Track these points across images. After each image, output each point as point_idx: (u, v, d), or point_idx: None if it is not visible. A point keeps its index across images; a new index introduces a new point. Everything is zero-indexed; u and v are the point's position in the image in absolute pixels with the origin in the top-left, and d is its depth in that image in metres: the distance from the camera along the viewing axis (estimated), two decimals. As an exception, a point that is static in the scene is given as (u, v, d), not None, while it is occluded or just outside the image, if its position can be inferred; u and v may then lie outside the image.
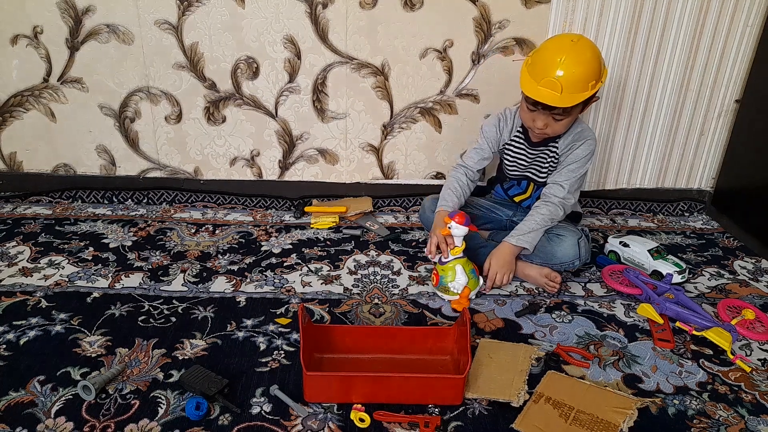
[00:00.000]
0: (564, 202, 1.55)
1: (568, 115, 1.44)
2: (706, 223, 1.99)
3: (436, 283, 1.48)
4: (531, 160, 1.61)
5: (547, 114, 1.43)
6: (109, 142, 2.00)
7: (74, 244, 1.72)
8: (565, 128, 1.50)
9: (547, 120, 1.45)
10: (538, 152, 1.59)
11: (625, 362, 1.26)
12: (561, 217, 1.56)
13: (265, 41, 1.85)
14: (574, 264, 1.54)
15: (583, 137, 1.54)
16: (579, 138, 1.54)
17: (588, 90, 1.39)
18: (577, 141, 1.54)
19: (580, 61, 1.37)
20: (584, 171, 1.57)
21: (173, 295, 1.47)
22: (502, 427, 1.07)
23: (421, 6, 1.80)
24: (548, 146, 1.57)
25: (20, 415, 1.07)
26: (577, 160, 1.54)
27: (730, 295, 1.55)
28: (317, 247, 1.74)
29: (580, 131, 1.55)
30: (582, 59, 1.38)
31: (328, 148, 2.01)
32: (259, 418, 1.08)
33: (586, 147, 1.54)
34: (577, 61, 1.37)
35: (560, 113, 1.42)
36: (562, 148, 1.56)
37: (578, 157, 1.54)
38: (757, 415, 1.13)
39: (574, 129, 1.55)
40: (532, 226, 1.52)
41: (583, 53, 1.38)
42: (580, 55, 1.38)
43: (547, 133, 1.49)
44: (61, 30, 1.83)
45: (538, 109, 1.44)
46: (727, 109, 1.94)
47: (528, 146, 1.60)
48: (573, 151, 1.54)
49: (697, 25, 1.82)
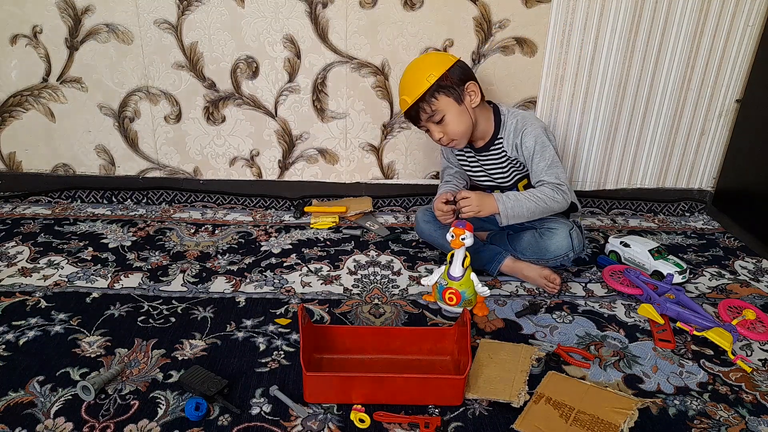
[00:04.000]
0: (555, 186, 1.49)
1: (442, 111, 1.47)
2: (706, 223, 1.99)
3: (457, 301, 1.38)
4: (483, 165, 1.63)
5: (430, 124, 1.50)
6: (108, 142, 2.00)
7: (73, 244, 1.72)
8: (462, 125, 1.50)
9: (437, 128, 1.50)
10: (486, 158, 1.61)
11: (626, 362, 1.26)
12: (559, 200, 1.50)
13: (264, 41, 1.84)
14: (568, 256, 1.54)
15: (520, 130, 1.53)
16: (517, 133, 1.54)
17: (421, 88, 1.45)
18: (517, 136, 1.54)
19: (406, 71, 1.53)
20: (550, 153, 1.51)
21: (173, 296, 1.46)
22: (502, 427, 1.07)
23: (422, 5, 1.80)
24: (491, 150, 1.59)
25: (20, 415, 1.07)
26: (533, 151, 1.51)
27: (730, 295, 1.55)
28: (317, 247, 1.74)
29: (515, 126, 1.54)
30: (407, 70, 1.53)
31: (328, 147, 2.01)
32: (259, 419, 1.08)
33: (529, 136, 1.51)
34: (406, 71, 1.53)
35: (432, 116, 1.48)
36: (510, 149, 1.56)
37: (530, 149, 1.52)
38: (758, 415, 1.12)
39: (508, 127, 1.55)
40: (519, 196, 1.49)
41: (408, 67, 1.54)
42: (405, 70, 1.53)
43: (454, 138, 1.52)
44: (61, 30, 1.83)
45: (421, 128, 1.55)
46: (728, 109, 1.94)
47: (475, 152, 1.63)
48: (522, 147, 1.53)
49: (698, 25, 1.82)
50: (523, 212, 1.48)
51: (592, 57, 1.85)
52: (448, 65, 1.47)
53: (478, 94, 1.51)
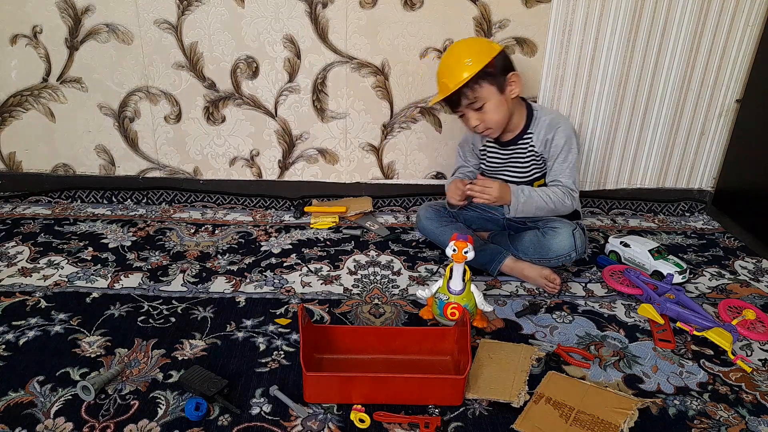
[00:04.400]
0: (569, 190, 1.54)
1: (483, 99, 1.48)
2: (706, 223, 1.99)
3: (460, 316, 1.29)
4: (505, 159, 1.63)
5: (469, 110, 1.50)
6: (108, 142, 1.99)
7: (73, 244, 1.72)
8: (500, 113, 1.51)
9: (476, 115, 1.51)
10: (511, 152, 1.62)
11: (626, 362, 1.26)
12: (567, 206, 1.54)
13: (264, 41, 1.84)
14: (570, 256, 1.54)
15: (554, 126, 1.55)
16: (550, 129, 1.55)
17: (465, 67, 1.46)
18: (549, 132, 1.55)
19: (447, 55, 1.55)
20: (574, 157, 1.55)
21: (173, 296, 1.46)
22: (502, 427, 1.07)
23: (422, 5, 1.80)
24: (518, 144, 1.59)
25: (20, 415, 1.07)
26: (560, 149, 1.54)
27: (730, 295, 1.55)
28: (317, 247, 1.74)
29: (549, 122, 1.56)
30: (448, 53, 1.56)
31: (328, 147, 2.01)
32: (259, 419, 1.08)
33: (561, 134, 1.54)
34: (448, 54, 1.55)
35: (472, 101, 1.48)
36: (538, 144, 1.57)
37: (559, 147, 1.54)
38: (758, 415, 1.12)
39: (541, 122, 1.57)
40: (533, 193, 1.52)
41: (449, 50, 1.57)
42: (446, 53, 1.57)
43: (490, 126, 1.53)
44: (61, 30, 1.83)
45: (458, 113, 1.55)
46: (728, 108, 1.94)
47: (499, 147, 1.64)
48: (552, 143, 1.55)
49: (698, 24, 1.82)
50: (531, 209, 1.52)
51: (592, 57, 1.85)
52: (494, 53, 1.48)
53: (519, 85, 1.53)
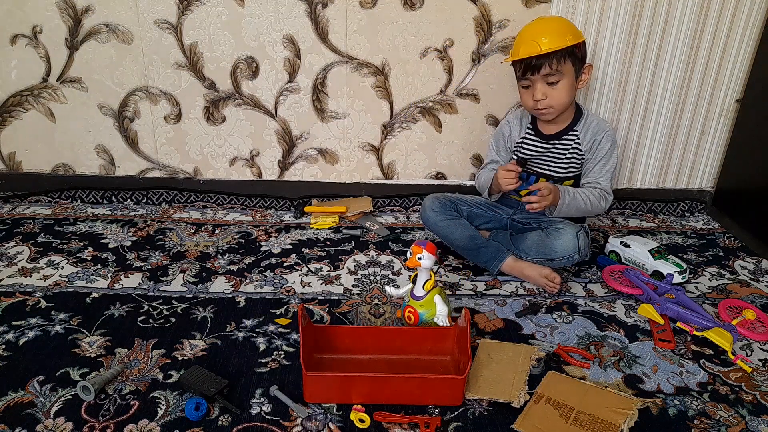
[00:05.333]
0: (605, 193, 1.56)
1: (562, 75, 1.47)
2: (706, 223, 1.99)
3: (415, 321, 1.31)
4: (542, 153, 1.63)
5: (542, 81, 1.48)
6: (108, 142, 1.99)
7: (73, 244, 1.72)
8: (569, 96, 1.51)
9: (544, 89, 1.48)
10: (551, 146, 1.61)
11: (626, 362, 1.26)
12: (601, 208, 1.56)
13: (264, 41, 1.84)
14: (573, 258, 1.53)
15: (602, 129, 1.58)
16: (598, 131, 1.57)
17: (566, 41, 1.43)
18: (598, 134, 1.57)
19: (550, 19, 1.57)
20: (614, 162, 1.58)
21: (173, 296, 1.46)
22: (502, 427, 1.07)
23: (422, 5, 1.80)
24: (562, 139, 1.59)
25: (19, 415, 1.07)
26: (605, 153, 1.57)
27: (730, 295, 1.55)
28: (317, 248, 1.74)
29: (597, 124, 1.59)
30: (551, 18, 1.58)
31: (328, 147, 2.01)
32: (259, 419, 1.08)
33: (608, 138, 1.57)
34: (546, 20, 1.55)
35: (552, 73, 1.46)
36: (585, 144, 1.58)
37: (604, 150, 1.57)
38: (758, 415, 1.12)
39: (589, 122, 1.59)
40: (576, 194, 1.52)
41: (545, 18, 1.60)
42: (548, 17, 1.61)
43: (552, 106, 1.50)
44: (61, 29, 1.83)
45: (530, 80, 1.49)
46: (728, 108, 1.94)
47: (541, 140, 1.63)
48: (598, 146, 1.57)
49: (698, 24, 1.82)
50: (572, 210, 1.54)
51: (592, 57, 1.85)
52: (582, 38, 1.49)
53: (588, 79, 1.55)
